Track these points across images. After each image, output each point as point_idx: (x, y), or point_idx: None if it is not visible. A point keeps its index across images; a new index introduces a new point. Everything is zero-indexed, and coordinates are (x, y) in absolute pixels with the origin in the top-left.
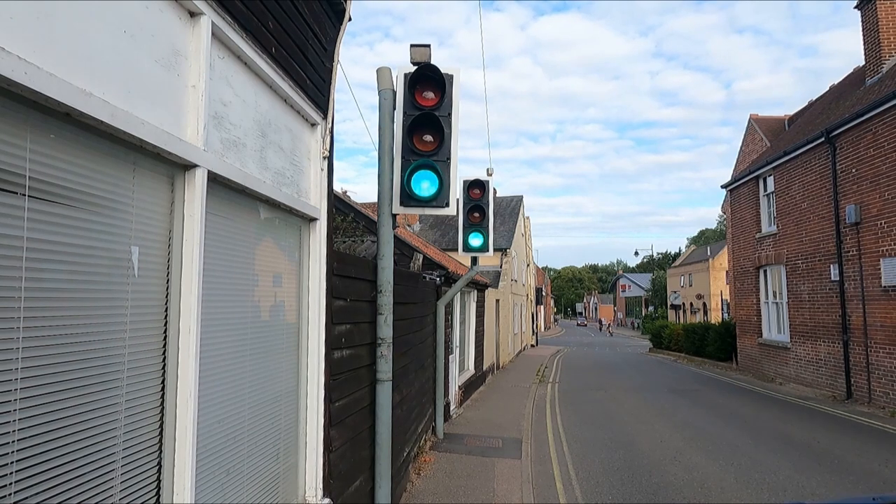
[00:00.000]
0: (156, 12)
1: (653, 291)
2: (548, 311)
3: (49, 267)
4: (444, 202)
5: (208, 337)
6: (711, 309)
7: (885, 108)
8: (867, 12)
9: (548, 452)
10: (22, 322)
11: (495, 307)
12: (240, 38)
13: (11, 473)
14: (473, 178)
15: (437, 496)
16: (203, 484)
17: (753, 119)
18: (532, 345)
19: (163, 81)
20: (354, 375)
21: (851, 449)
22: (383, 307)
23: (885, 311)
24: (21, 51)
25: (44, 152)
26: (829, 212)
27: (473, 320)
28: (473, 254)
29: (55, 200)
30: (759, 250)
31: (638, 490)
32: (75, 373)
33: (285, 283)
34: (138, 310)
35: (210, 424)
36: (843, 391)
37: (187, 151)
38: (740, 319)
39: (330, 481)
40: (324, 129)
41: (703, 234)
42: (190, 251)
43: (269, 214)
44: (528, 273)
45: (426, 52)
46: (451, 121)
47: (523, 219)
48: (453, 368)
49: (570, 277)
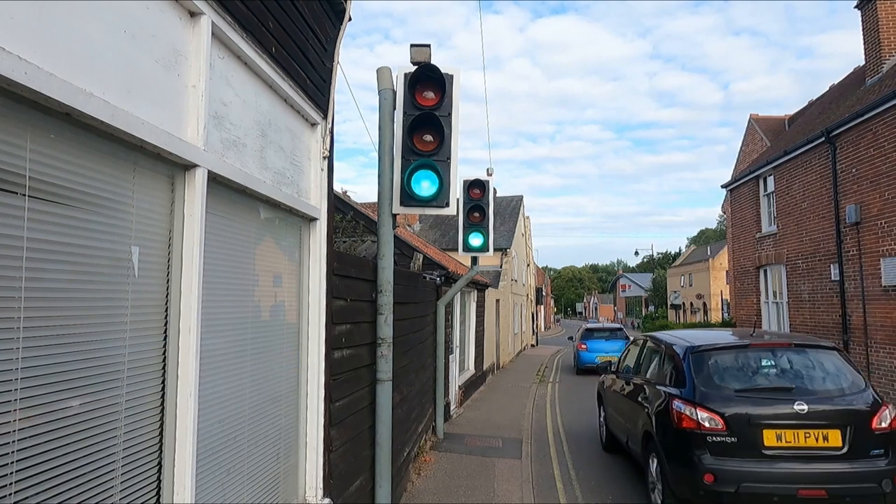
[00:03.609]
0: (156, 12)
1: (653, 291)
2: (548, 311)
3: (49, 267)
4: (444, 202)
5: (208, 337)
6: (711, 309)
7: (886, 108)
8: (867, 12)
9: (548, 452)
10: (22, 322)
11: (495, 307)
12: (240, 38)
13: (11, 473)
14: (473, 178)
15: (438, 496)
16: (203, 484)
17: (753, 119)
18: (532, 344)
19: (163, 81)
20: (354, 375)
21: None
22: (383, 307)
23: (885, 311)
24: (21, 51)
25: (44, 152)
26: (829, 212)
27: (473, 320)
28: (473, 254)
29: (55, 200)
30: (759, 250)
31: (638, 490)
32: (75, 373)
33: (285, 283)
34: (138, 310)
35: (210, 424)
36: None
37: (187, 151)
38: (740, 319)
39: (330, 481)
40: (324, 129)
41: (703, 234)
42: (190, 251)
43: (269, 214)
44: (529, 273)
45: (426, 52)
46: (452, 121)
47: (523, 219)
48: (453, 368)
49: (570, 277)
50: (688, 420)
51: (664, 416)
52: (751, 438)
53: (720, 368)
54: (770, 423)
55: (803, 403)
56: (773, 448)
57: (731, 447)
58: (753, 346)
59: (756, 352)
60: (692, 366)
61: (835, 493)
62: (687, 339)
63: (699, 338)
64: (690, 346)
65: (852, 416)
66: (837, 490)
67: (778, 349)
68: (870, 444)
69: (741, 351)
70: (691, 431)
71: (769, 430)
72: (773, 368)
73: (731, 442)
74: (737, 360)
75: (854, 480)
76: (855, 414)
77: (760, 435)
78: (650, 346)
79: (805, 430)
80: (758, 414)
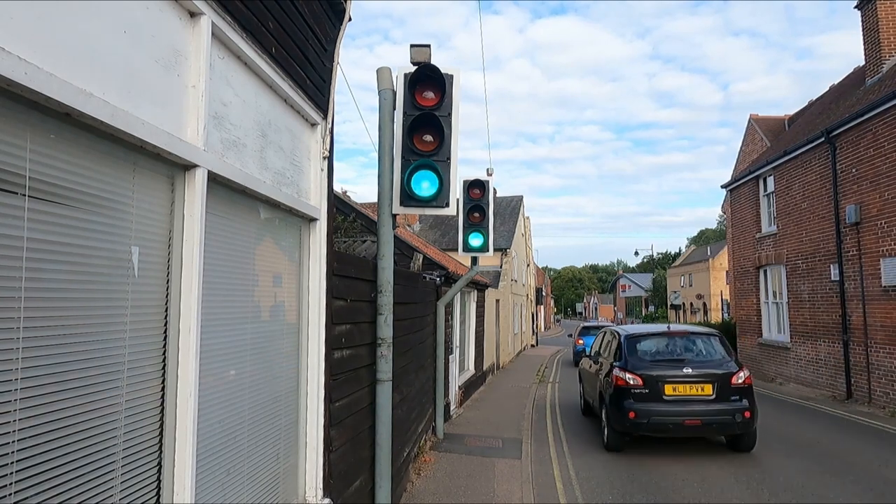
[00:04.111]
0: (156, 12)
1: (653, 291)
2: (548, 311)
3: (49, 267)
4: (444, 202)
5: (208, 337)
6: (711, 309)
7: (885, 108)
8: (867, 12)
9: (548, 452)
10: (22, 322)
11: (495, 307)
12: (240, 38)
13: (12, 473)
14: (473, 178)
15: (438, 496)
16: (203, 484)
17: (753, 119)
18: (532, 345)
19: (163, 81)
20: (354, 375)
21: (851, 449)
22: (383, 307)
23: (885, 311)
24: (21, 51)
25: (44, 152)
26: (829, 212)
27: (473, 320)
28: (473, 254)
29: (55, 200)
30: (759, 250)
31: (638, 490)
32: (75, 373)
33: (285, 283)
34: (138, 310)
35: (210, 424)
36: (844, 391)
37: (187, 151)
38: (740, 319)
39: (330, 481)
40: (324, 129)
41: (703, 234)
42: (190, 251)
43: (269, 214)
44: (528, 273)
45: (426, 52)
46: (451, 121)
47: (523, 219)
48: (453, 368)
49: (570, 277)
50: (621, 380)
51: (608, 378)
52: (656, 390)
53: (643, 348)
54: (668, 380)
55: (689, 368)
56: (670, 396)
57: (645, 396)
58: (665, 334)
59: (666, 338)
60: (626, 346)
61: (706, 422)
62: (627, 330)
63: (636, 329)
64: (627, 334)
65: (719, 376)
66: (707, 420)
67: (679, 336)
68: (730, 393)
69: (657, 337)
70: (622, 387)
71: (668, 385)
72: (675, 347)
73: (645, 393)
74: (654, 343)
75: (718, 415)
76: (721, 375)
77: (662, 388)
78: (608, 335)
79: (689, 385)
80: (661, 375)
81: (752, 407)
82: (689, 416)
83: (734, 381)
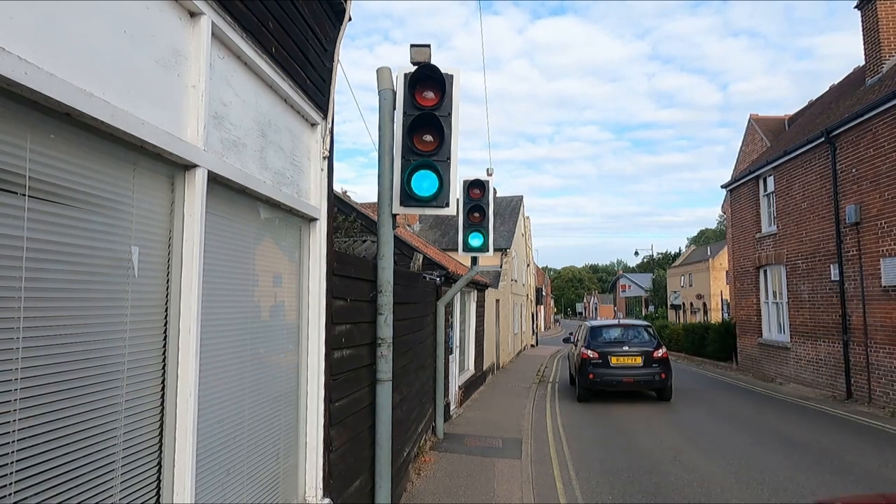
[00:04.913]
0: (156, 12)
1: (653, 291)
2: (548, 311)
3: (49, 267)
4: (444, 202)
5: (208, 337)
6: (711, 309)
7: (885, 108)
8: (867, 12)
9: (548, 452)
10: (22, 322)
11: (495, 307)
12: (240, 38)
13: (11, 473)
14: (473, 178)
15: (438, 496)
16: (203, 484)
17: (753, 119)
18: (532, 345)
19: (163, 81)
20: (354, 375)
21: (851, 449)
22: (383, 307)
23: (885, 311)
24: (21, 51)
25: (44, 152)
26: (829, 212)
27: (473, 320)
28: (473, 254)
29: (55, 200)
30: (759, 250)
31: (638, 490)
32: (75, 373)
33: (285, 283)
34: (138, 310)
35: (210, 424)
36: (844, 391)
37: (187, 151)
38: (740, 319)
39: (330, 481)
40: (324, 129)
41: (703, 234)
42: (190, 251)
43: (269, 214)
44: (528, 273)
45: (426, 52)
46: (451, 121)
47: (523, 219)
48: (453, 368)
49: (570, 277)
50: (586, 356)
51: (579, 355)
52: (606, 361)
53: (601, 334)
54: (614, 354)
55: (627, 346)
56: (615, 365)
57: (599, 365)
58: (616, 326)
59: (617, 327)
60: (590, 334)
61: (636, 380)
62: (593, 323)
63: (598, 322)
64: (592, 326)
65: (646, 352)
66: (637, 378)
67: (625, 327)
68: (652, 362)
69: (611, 327)
70: (586, 360)
71: (614, 357)
72: (620, 334)
73: (599, 363)
74: (608, 331)
75: (644, 376)
76: (647, 351)
77: (610, 360)
78: (583, 327)
79: (627, 357)
80: (610, 351)
81: (667, 371)
82: (626, 376)
83: (655, 355)
